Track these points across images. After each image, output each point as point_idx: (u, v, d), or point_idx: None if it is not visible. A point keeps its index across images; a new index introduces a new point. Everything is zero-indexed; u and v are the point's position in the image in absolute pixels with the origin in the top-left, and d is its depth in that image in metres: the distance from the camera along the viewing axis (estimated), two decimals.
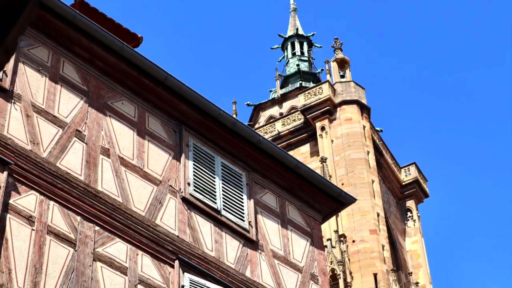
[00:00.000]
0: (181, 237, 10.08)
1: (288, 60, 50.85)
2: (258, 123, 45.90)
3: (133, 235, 9.57)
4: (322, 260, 11.93)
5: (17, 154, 8.95)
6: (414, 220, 43.28)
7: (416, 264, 41.77)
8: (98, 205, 9.41)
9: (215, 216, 10.70)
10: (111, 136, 10.13)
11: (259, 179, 11.74)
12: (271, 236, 11.33)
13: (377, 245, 36.46)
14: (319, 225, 12.32)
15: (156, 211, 10.03)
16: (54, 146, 9.41)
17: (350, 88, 42.19)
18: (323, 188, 12.32)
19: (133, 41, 12.45)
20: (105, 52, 10.45)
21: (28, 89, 9.56)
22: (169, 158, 10.66)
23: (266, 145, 11.70)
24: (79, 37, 10.28)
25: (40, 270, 8.49)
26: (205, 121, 11.25)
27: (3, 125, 9.05)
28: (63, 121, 9.70)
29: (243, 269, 10.60)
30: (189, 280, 9.79)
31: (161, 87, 10.88)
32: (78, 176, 9.42)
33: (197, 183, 10.72)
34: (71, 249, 8.89)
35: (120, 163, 10.00)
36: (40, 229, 8.73)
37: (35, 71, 9.77)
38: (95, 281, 8.90)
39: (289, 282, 11.08)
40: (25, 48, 9.82)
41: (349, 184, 37.82)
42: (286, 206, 11.91)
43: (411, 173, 44.58)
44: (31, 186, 8.92)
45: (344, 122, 40.65)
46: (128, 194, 9.83)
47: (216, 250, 10.42)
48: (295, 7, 53.98)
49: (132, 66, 10.65)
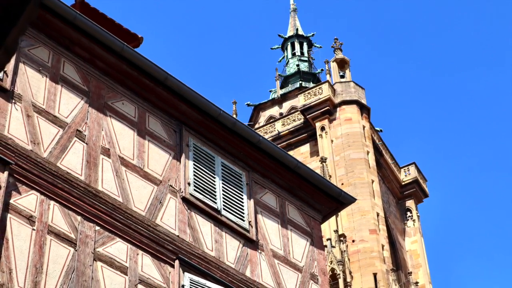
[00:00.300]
0: (181, 237, 10.10)
1: (288, 60, 50.88)
2: (258, 123, 45.93)
3: (133, 235, 9.59)
4: (322, 260, 11.95)
5: (18, 154, 8.97)
6: (413, 220, 43.31)
7: (416, 264, 41.80)
8: (99, 205, 9.43)
9: (215, 216, 10.72)
10: (112, 136, 10.15)
11: (259, 179, 11.76)
12: (271, 236, 11.35)
13: (376, 245, 36.49)
14: (319, 225, 12.34)
15: (156, 211, 10.05)
16: (54, 146, 9.43)
17: (350, 88, 42.22)
18: (323, 188, 12.35)
19: (134, 42, 12.46)
20: (106, 52, 10.47)
21: (29, 89, 9.57)
22: (169, 158, 10.69)
23: (266, 145, 11.73)
24: (79, 37, 10.30)
25: (41, 269, 8.51)
26: (205, 121, 11.27)
27: (4, 125, 9.07)
28: (64, 121, 9.72)
29: (243, 268, 10.62)
30: (189, 280, 9.82)
31: (161, 87, 10.90)
32: (79, 176, 9.44)
33: (197, 183, 10.74)
34: (72, 248, 8.91)
35: (120, 163, 10.02)
36: (40, 229, 8.75)
37: (35, 71, 9.79)
38: (96, 280, 8.92)
39: (289, 282, 11.10)
40: (26, 48, 9.84)
41: (349, 184, 37.85)
42: (286, 206, 11.93)
43: (410, 173, 44.62)
44: (32, 186, 8.94)
45: (344, 122, 40.68)
46: (129, 194, 9.86)
47: (216, 249, 10.44)
48: (295, 7, 54.04)
49: (132, 66, 10.67)
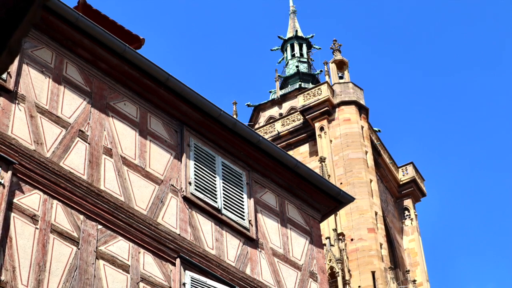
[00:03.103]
0: (182, 235, 10.17)
1: (287, 61, 50.91)
2: (258, 123, 45.96)
3: (135, 234, 9.65)
4: (321, 258, 12.01)
5: (21, 154, 9.03)
6: (411, 218, 43.36)
7: (414, 262, 41.85)
8: (101, 204, 9.49)
9: (216, 215, 10.79)
10: (114, 136, 10.22)
11: (259, 179, 11.83)
12: (271, 234, 11.42)
13: (375, 244, 36.55)
14: (318, 224, 12.40)
15: (158, 210, 10.12)
16: (57, 146, 9.48)
17: (348, 89, 42.28)
18: (322, 187, 12.40)
19: (135, 43, 12.51)
20: (108, 54, 10.52)
21: (32, 90, 9.63)
22: (170, 158, 10.76)
23: (266, 145, 11.79)
24: (82, 38, 10.35)
25: (44, 268, 8.55)
26: (206, 122, 11.34)
27: (8, 125, 9.11)
28: (66, 121, 9.78)
29: (243, 267, 10.69)
30: (190, 278, 9.87)
31: (163, 88, 10.96)
32: (81, 175, 9.50)
33: (198, 183, 10.82)
34: (74, 247, 8.96)
35: (122, 162, 10.08)
36: (43, 228, 8.80)
37: (38, 72, 9.84)
38: (98, 278, 8.97)
39: (289, 280, 11.17)
40: (29, 49, 9.89)
41: (348, 184, 37.91)
42: (285, 205, 12.00)
43: (408, 173, 44.65)
44: (35, 185, 8.99)
45: (343, 122, 40.74)
46: (130, 193, 9.93)
47: (217, 248, 10.51)
48: (295, 9, 54.07)
49: (134, 68, 10.72)
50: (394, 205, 43.51)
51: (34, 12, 4.06)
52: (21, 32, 4.08)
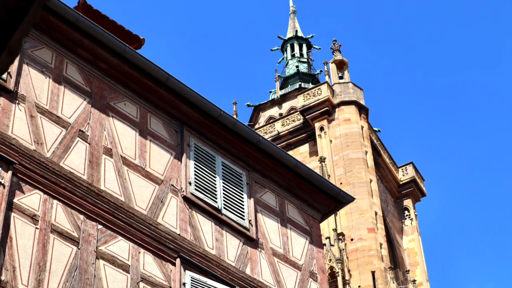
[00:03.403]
0: (182, 235, 10.18)
1: (287, 61, 50.93)
2: (258, 123, 45.97)
3: (135, 234, 9.67)
4: (321, 258, 12.03)
5: (21, 154, 9.04)
6: (411, 218, 43.39)
7: (413, 262, 41.87)
8: (101, 204, 9.50)
9: (216, 214, 10.81)
10: (114, 136, 10.23)
11: (259, 179, 11.84)
12: (271, 234, 11.44)
13: (375, 243, 36.57)
14: (318, 224, 12.42)
15: (158, 210, 10.13)
16: (57, 146, 9.50)
17: (348, 89, 42.29)
18: (322, 187, 12.42)
19: (135, 43, 12.53)
20: (108, 54, 10.54)
21: (32, 90, 9.65)
22: (170, 158, 10.77)
23: (266, 145, 11.80)
24: (82, 39, 10.37)
25: (44, 268, 8.56)
26: (206, 122, 11.35)
27: (8, 125, 9.13)
28: (67, 121, 9.79)
29: (243, 267, 10.70)
30: (190, 278, 9.89)
31: (163, 88, 10.98)
32: (81, 175, 9.52)
33: (198, 182, 10.83)
34: (74, 247, 8.97)
35: (122, 162, 10.10)
36: (44, 228, 8.81)
37: (39, 72, 9.86)
38: (98, 278, 8.98)
39: (289, 280, 11.19)
40: (29, 49, 9.91)
41: (348, 184, 37.93)
42: (285, 205, 12.01)
43: (408, 173, 44.67)
44: (35, 185, 9.00)
45: (343, 122, 40.76)
46: (131, 193, 9.94)
47: (217, 248, 10.52)
48: (295, 9, 54.09)
49: (134, 68, 10.74)
50: (394, 205, 43.53)
51: (35, 12, 4.06)
52: (21, 32, 4.08)
